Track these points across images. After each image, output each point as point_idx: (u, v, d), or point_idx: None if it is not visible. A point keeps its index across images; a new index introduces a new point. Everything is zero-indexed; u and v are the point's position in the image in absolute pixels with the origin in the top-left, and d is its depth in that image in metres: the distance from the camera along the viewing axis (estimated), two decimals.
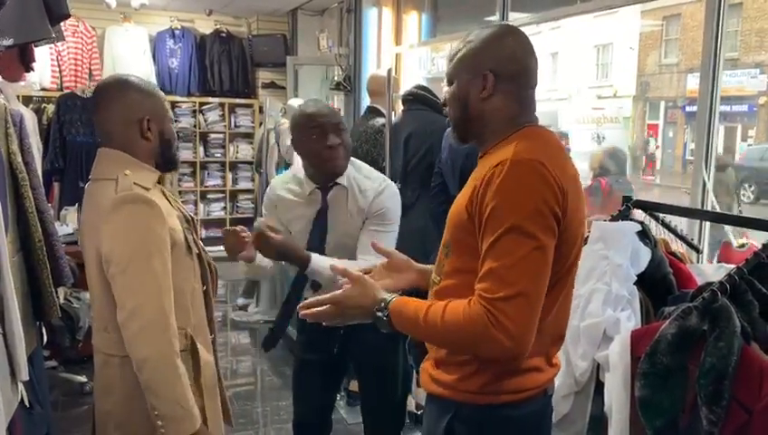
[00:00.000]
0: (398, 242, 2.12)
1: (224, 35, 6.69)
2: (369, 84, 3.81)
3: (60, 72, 5.88)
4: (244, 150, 6.94)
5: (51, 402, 2.41)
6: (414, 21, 5.12)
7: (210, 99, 6.74)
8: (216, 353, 1.83)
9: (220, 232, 1.91)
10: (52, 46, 5.31)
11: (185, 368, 1.57)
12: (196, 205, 6.83)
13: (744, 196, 10.92)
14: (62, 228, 3.67)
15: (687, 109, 14.83)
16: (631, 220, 2.05)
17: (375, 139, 3.43)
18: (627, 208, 2.11)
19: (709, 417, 1.41)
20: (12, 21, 1.86)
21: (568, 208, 1.24)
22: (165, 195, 1.69)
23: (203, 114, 6.77)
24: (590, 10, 3.49)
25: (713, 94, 2.38)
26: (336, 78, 5.58)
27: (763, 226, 1.75)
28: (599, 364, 1.83)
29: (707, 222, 2.34)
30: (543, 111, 1.37)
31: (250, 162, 6.89)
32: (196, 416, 1.56)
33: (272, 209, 2.17)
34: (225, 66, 6.69)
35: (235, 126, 6.91)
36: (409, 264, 1.60)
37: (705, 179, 2.41)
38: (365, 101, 4.48)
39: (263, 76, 6.85)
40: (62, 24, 2.40)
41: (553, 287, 1.25)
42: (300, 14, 6.45)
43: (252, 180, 6.92)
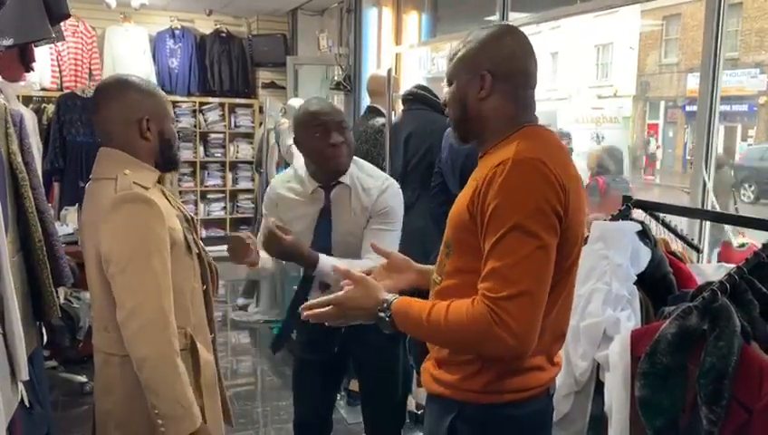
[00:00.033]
0: None
1: (224, 35, 6.69)
2: (369, 84, 3.81)
3: (60, 72, 5.88)
4: (245, 150, 6.95)
5: (51, 402, 2.41)
6: (414, 21, 5.12)
7: (210, 99, 6.74)
8: (217, 353, 1.83)
9: (225, 239, 1.89)
10: (52, 46, 5.31)
11: (184, 367, 1.57)
12: (196, 205, 6.83)
13: (745, 195, 10.93)
14: (62, 228, 3.67)
15: (687, 108, 14.83)
16: (631, 220, 2.05)
17: (375, 138, 3.42)
18: (627, 208, 2.11)
19: (709, 416, 1.41)
20: (12, 21, 1.86)
21: (569, 208, 1.24)
22: (165, 194, 1.69)
23: (203, 114, 6.77)
24: (590, 10, 3.49)
25: (713, 94, 2.38)
26: (336, 78, 5.58)
27: (763, 225, 1.75)
28: (599, 364, 1.83)
29: (707, 222, 2.34)
30: (542, 110, 1.37)
31: (250, 162, 6.89)
32: (196, 415, 1.56)
33: (272, 208, 2.16)
34: (225, 66, 6.70)
35: (235, 126, 6.91)
36: (409, 264, 1.60)
37: (705, 179, 2.41)
38: (365, 101, 4.47)
39: (263, 76, 6.85)
40: (62, 24, 2.40)
41: (555, 287, 1.25)
42: (300, 14, 6.45)
43: (252, 180, 6.92)
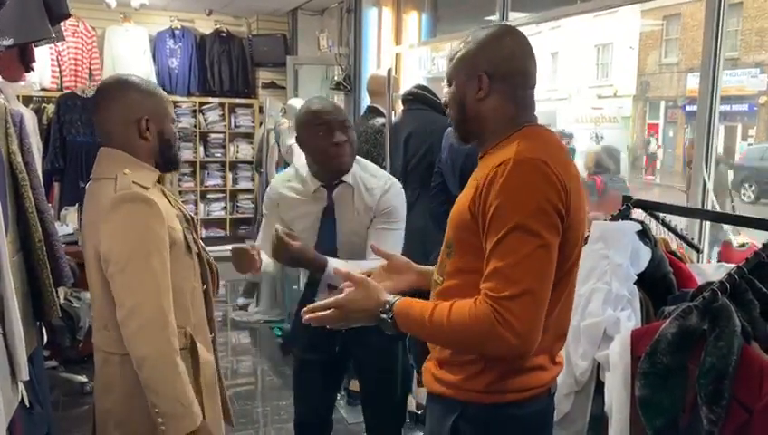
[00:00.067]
0: None
1: (224, 35, 6.69)
2: (369, 84, 3.81)
3: (60, 72, 5.87)
4: (245, 150, 6.94)
5: (51, 402, 2.41)
6: (414, 21, 5.12)
7: (210, 99, 6.74)
8: (217, 353, 1.83)
9: (229, 251, 1.88)
10: (52, 46, 5.31)
11: (184, 366, 1.57)
12: (196, 205, 6.83)
13: (745, 195, 10.92)
14: (63, 228, 3.67)
15: (688, 108, 14.82)
16: (631, 220, 2.05)
17: (375, 138, 3.43)
18: (627, 208, 2.11)
19: (709, 416, 1.41)
20: (12, 21, 1.86)
21: (571, 207, 1.24)
22: (165, 194, 1.69)
23: (203, 114, 6.77)
24: (590, 10, 3.50)
25: (713, 94, 2.39)
26: (336, 78, 5.59)
27: (763, 225, 1.75)
28: (599, 364, 1.83)
29: (707, 221, 2.34)
30: (542, 110, 1.37)
31: (250, 162, 6.89)
32: (196, 413, 1.56)
33: (273, 208, 2.15)
34: (225, 66, 6.69)
35: (235, 126, 6.91)
36: (409, 265, 1.60)
37: (706, 179, 2.41)
38: (365, 101, 4.47)
39: (263, 76, 6.85)
40: (62, 24, 2.40)
41: (556, 286, 1.25)
42: (300, 14, 6.45)
43: (252, 180, 6.92)
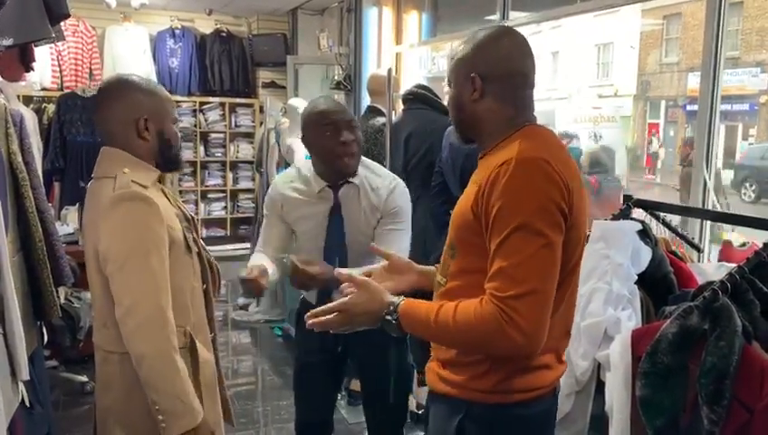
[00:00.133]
0: None
1: (224, 35, 6.69)
2: (369, 84, 3.81)
3: (60, 72, 5.87)
4: (245, 150, 6.94)
5: (51, 402, 2.41)
6: (414, 20, 5.12)
7: (210, 98, 6.74)
8: (217, 353, 1.83)
9: (239, 280, 1.88)
10: (52, 46, 5.31)
11: (184, 364, 1.57)
12: (196, 204, 6.82)
13: (745, 195, 10.92)
14: (63, 228, 3.67)
15: (688, 108, 14.80)
16: (632, 219, 2.05)
17: (375, 138, 3.42)
18: (627, 208, 2.11)
19: (710, 416, 1.41)
20: (12, 21, 1.86)
21: (573, 206, 1.25)
22: (165, 193, 1.69)
23: (203, 114, 6.77)
24: (591, 9, 3.50)
25: (713, 93, 2.39)
26: (336, 77, 5.58)
27: (763, 225, 1.75)
28: (599, 364, 1.83)
29: (708, 221, 2.34)
30: (541, 110, 1.38)
31: (250, 162, 6.89)
32: (197, 410, 1.56)
33: (275, 209, 2.14)
34: (226, 66, 6.69)
35: (236, 125, 6.91)
36: (410, 265, 1.60)
37: (706, 178, 2.41)
38: (365, 101, 4.47)
39: (263, 76, 6.85)
40: (62, 24, 2.40)
41: (560, 285, 1.25)
42: (300, 14, 6.45)
43: (252, 180, 6.92)
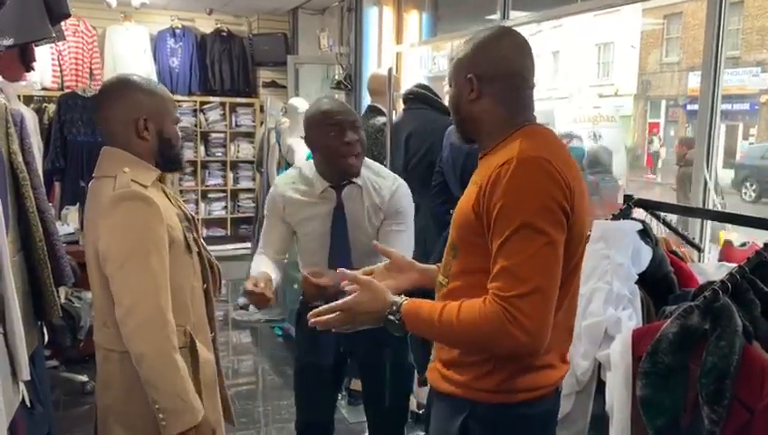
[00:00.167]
0: None
1: (224, 34, 6.69)
2: (369, 83, 3.81)
3: (60, 72, 5.87)
4: (245, 150, 6.94)
5: (52, 402, 2.41)
6: (415, 20, 5.12)
7: (211, 98, 6.73)
8: (218, 352, 1.83)
9: (245, 293, 1.88)
10: (52, 46, 5.31)
11: (184, 363, 1.57)
12: (197, 204, 6.82)
13: (746, 194, 10.92)
14: (63, 228, 3.68)
15: (689, 107, 14.80)
16: (632, 219, 2.05)
17: (376, 138, 3.42)
18: (628, 207, 2.11)
19: (711, 416, 1.41)
20: (12, 21, 1.86)
21: (575, 205, 1.25)
22: (165, 193, 1.69)
23: (204, 113, 6.76)
24: (591, 9, 3.49)
25: (714, 93, 2.38)
26: (337, 77, 5.58)
27: (764, 224, 1.74)
28: (600, 363, 1.83)
29: (709, 220, 2.34)
30: (540, 109, 1.39)
31: (251, 161, 6.88)
32: (197, 408, 1.56)
33: (277, 210, 2.13)
34: (226, 65, 6.69)
35: (236, 125, 6.90)
36: (412, 264, 1.60)
37: (707, 178, 2.41)
38: (366, 100, 4.47)
39: (263, 75, 6.85)
40: (62, 24, 2.40)
41: (562, 285, 1.25)
42: (300, 13, 6.45)
43: (253, 180, 6.91)
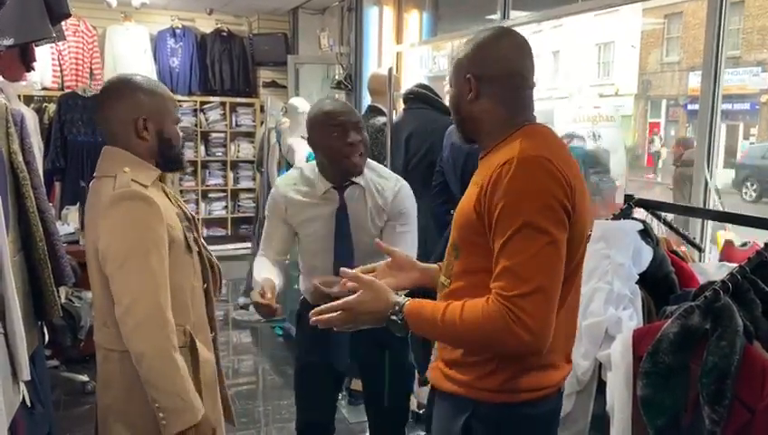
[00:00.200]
0: None
1: (224, 34, 6.69)
2: (370, 83, 3.81)
3: (61, 72, 5.87)
4: (246, 149, 6.94)
5: (52, 402, 2.41)
6: (415, 19, 5.11)
7: (211, 98, 6.73)
8: (218, 352, 1.83)
9: (244, 292, 1.90)
10: (52, 46, 5.31)
11: (183, 362, 1.57)
12: (197, 204, 6.82)
13: (746, 194, 10.91)
14: (64, 228, 3.68)
15: (689, 107, 14.79)
16: (633, 219, 2.05)
17: (376, 138, 3.42)
18: (629, 207, 2.11)
19: (711, 416, 1.41)
20: (12, 20, 1.86)
21: (576, 204, 1.25)
22: (166, 193, 1.69)
23: (204, 113, 6.76)
24: (591, 8, 3.49)
25: (714, 92, 2.38)
26: (337, 77, 5.58)
27: (764, 224, 1.74)
28: (600, 363, 1.83)
29: (709, 221, 2.34)
30: (540, 109, 1.40)
31: (251, 161, 6.88)
32: (197, 407, 1.56)
33: (278, 211, 2.13)
34: (226, 65, 6.69)
35: (237, 125, 6.91)
36: (413, 263, 1.61)
37: (707, 178, 2.41)
38: (366, 100, 4.47)
39: (264, 75, 6.85)
40: (62, 24, 2.40)
41: (564, 284, 1.25)
42: (301, 13, 6.45)
43: (253, 179, 6.91)
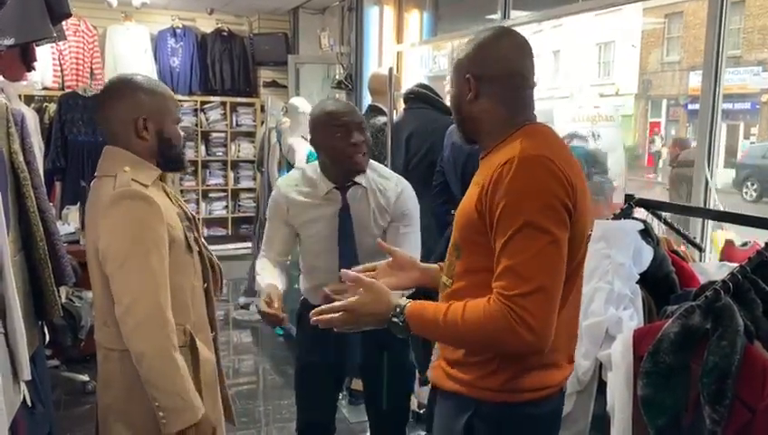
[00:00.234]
0: None
1: (225, 34, 6.69)
2: (370, 83, 3.81)
3: (61, 72, 5.87)
4: (246, 149, 6.94)
5: (53, 401, 2.41)
6: (415, 19, 5.11)
7: (212, 98, 6.73)
8: (219, 352, 1.83)
9: (259, 312, 1.93)
10: (53, 45, 5.31)
11: (184, 361, 1.57)
12: (197, 204, 6.82)
13: (747, 194, 10.90)
14: (64, 227, 3.68)
15: (690, 107, 14.78)
16: (634, 219, 2.05)
17: (376, 137, 3.42)
18: (629, 207, 2.11)
19: (712, 416, 1.41)
20: (13, 20, 1.86)
21: (577, 203, 1.25)
22: (166, 192, 1.69)
23: (204, 113, 6.76)
24: (592, 8, 3.49)
25: (715, 92, 2.38)
26: (337, 76, 5.58)
27: (765, 224, 1.74)
28: (601, 363, 1.83)
29: (710, 220, 2.34)
30: (540, 109, 1.40)
31: (252, 161, 6.88)
32: (197, 407, 1.56)
33: (280, 212, 2.13)
34: (227, 65, 6.69)
35: (237, 125, 6.90)
36: (414, 263, 1.61)
37: (708, 178, 2.40)
38: (366, 100, 4.47)
39: (264, 75, 6.85)
40: (63, 23, 2.40)
41: (566, 283, 1.25)
42: (301, 13, 6.45)
43: (253, 179, 6.91)
